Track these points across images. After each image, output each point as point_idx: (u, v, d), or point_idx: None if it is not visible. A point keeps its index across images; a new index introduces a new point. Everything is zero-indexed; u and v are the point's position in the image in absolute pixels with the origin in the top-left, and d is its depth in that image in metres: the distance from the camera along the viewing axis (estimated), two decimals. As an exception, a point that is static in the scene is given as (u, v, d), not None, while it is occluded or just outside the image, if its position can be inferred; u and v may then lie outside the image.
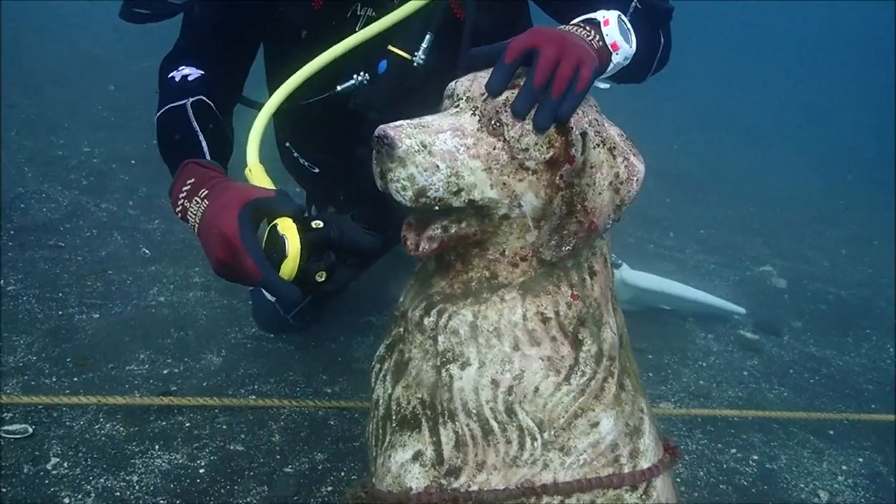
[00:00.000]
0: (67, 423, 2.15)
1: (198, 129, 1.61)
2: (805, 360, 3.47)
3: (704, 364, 3.22)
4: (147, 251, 3.37)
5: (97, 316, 2.75)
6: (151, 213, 3.83)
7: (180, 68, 1.74)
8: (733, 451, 2.59)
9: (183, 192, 1.38)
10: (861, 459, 2.69)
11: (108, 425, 2.17)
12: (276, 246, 1.20)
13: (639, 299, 3.36)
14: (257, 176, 1.45)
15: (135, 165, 4.44)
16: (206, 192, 1.33)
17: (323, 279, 1.24)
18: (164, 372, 2.49)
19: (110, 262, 3.19)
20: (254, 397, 2.39)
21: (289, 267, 1.19)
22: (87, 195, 3.87)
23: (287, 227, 1.20)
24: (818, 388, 3.21)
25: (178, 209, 1.39)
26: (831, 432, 2.84)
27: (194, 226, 1.32)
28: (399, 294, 1.53)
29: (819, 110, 11.24)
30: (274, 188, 1.34)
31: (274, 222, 1.22)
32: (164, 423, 2.22)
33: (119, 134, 4.94)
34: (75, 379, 2.37)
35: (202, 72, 1.74)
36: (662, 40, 1.73)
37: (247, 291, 2.91)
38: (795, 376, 3.29)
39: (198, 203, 1.32)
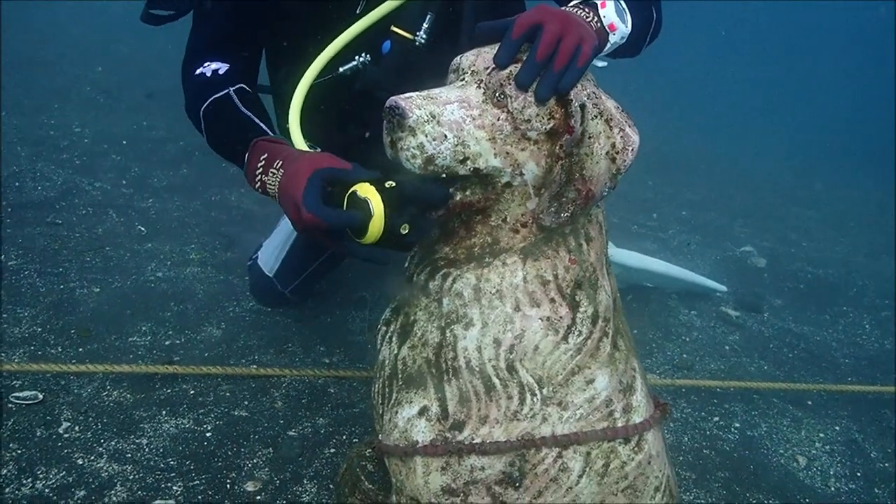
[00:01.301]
0: (76, 391, 2.21)
1: (249, 113, 1.72)
2: (784, 335, 3.59)
3: (688, 339, 3.33)
4: (143, 228, 3.42)
5: (97, 290, 2.81)
6: (145, 192, 3.87)
7: (206, 64, 1.82)
8: (716, 419, 2.70)
9: (259, 168, 1.48)
10: (837, 428, 2.82)
11: (115, 392, 2.23)
12: (361, 207, 1.26)
13: (623, 276, 3.45)
14: None
15: (126, 146, 4.47)
16: (281, 162, 1.43)
17: (406, 231, 1.31)
18: (166, 343, 2.56)
19: (107, 239, 3.24)
20: (255, 366, 2.46)
21: (376, 225, 1.25)
22: (81, 174, 3.90)
23: (367, 190, 1.26)
24: (797, 362, 3.33)
25: (258, 184, 1.48)
26: (809, 403, 2.95)
27: (275, 196, 1.42)
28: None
29: (802, 93, 11.40)
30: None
31: (353, 189, 1.29)
32: (169, 391, 2.29)
33: (109, 115, 4.97)
34: (80, 349, 2.43)
35: (228, 64, 1.82)
36: (654, 15, 1.80)
37: (244, 267, 2.97)
38: (775, 350, 3.40)
39: (274, 174, 1.42)
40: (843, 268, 4.70)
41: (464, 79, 1.40)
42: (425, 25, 1.84)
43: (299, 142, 1.59)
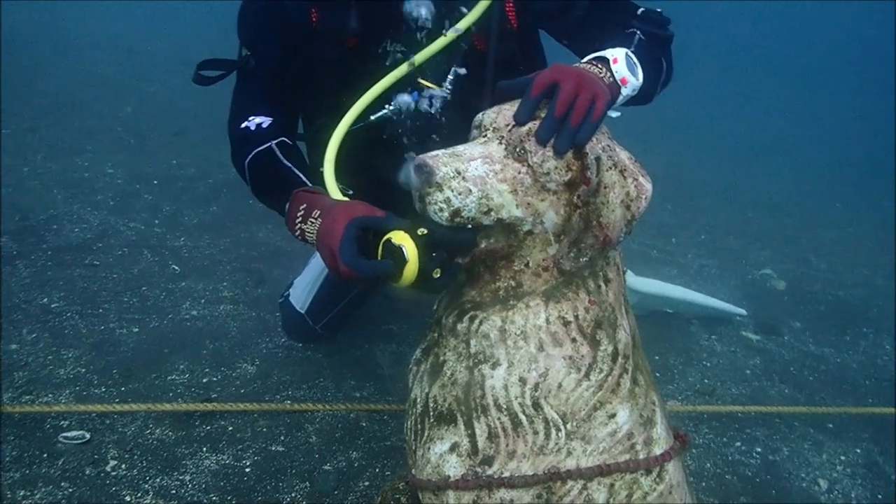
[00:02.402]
0: (120, 429, 2.32)
1: (290, 164, 1.87)
2: (805, 358, 3.63)
3: (709, 364, 3.38)
4: (176, 268, 3.55)
5: (136, 330, 2.93)
6: (177, 230, 4.01)
7: (250, 118, 1.96)
8: (738, 444, 2.75)
9: (298, 217, 1.61)
10: (858, 450, 2.85)
11: (157, 430, 2.34)
12: (395, 254, 1.36)
13: (644, 303, 3.52)
14: None
15: (157, 185, 4.63)
16: (319, 212, 1.56)
17: (438, 275, 1.40)
18: (204, 381, 2.67)
19: (143, 279, 3.37)
20: (289, 402, 2.56)
21: (411, 270, 1.36)
22: (115, 215, 4.05)
23: (401, 238, 1.36)
24: (817, 385, 3.37)
25: (297, 233, 1.61)
26: (830, 426, 2.99)
27: (313, 243, 1.54)
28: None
29: (816, 114, 11.40)
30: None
31: (387, 237, 1.39)
32: (208, 428, 2.39)
33: (139, 155, 5.13)
34: (122, 388, 2.54)
35: (270, 118, 1.97)
36: (665, 65, 1.90)
37: (275, 304, 3.08)
38: (796, 373, 3.45)
39: (312, 223, 1.55)
40: (862, 289, 4.73)
41: (486, 135, 1.50)
42: (450, 77, 1.96)
43: (334, 191, 1.70)
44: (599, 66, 1.59)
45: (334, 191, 1.70)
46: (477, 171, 1.40)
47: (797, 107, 12.21)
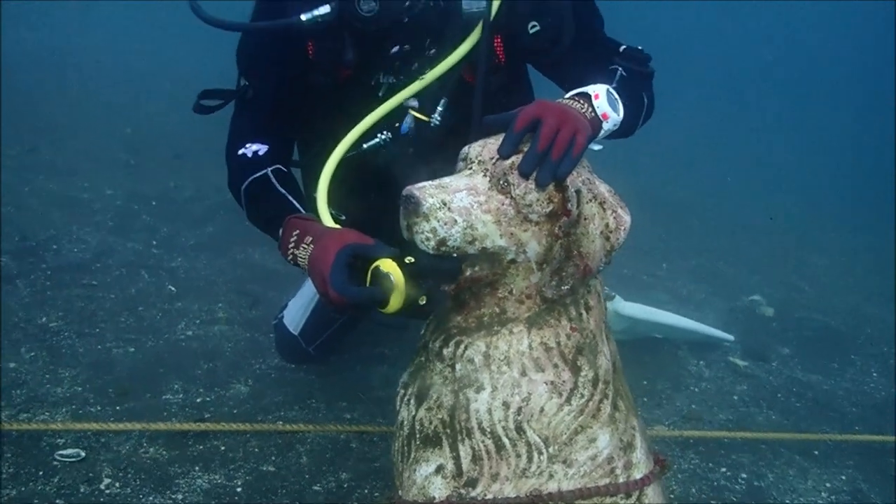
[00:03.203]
0: (115, 448, 2.36)
1: (284, 191, 1.94)
2: (792, 384, 3.67)
3: (697, 389, 3.43)
4: (173, 288, 3.60)
5: (133, 350, 2.98)
6: (174, 251, 4.07)
7: (247, 146, 2.03)
8: (723, 469, 2.79)
9: (291, 243, 1.68)
10: (843, 477, 2.89)
11: (151, 449, 2.38)
12: (383, 281, 1.42)
13: (633, 329, 3.58)
14: None
15: (155, 206, 4.70)
16: (311, 238, 1.62)
17: (424, 302, 1.46)
18: (198, 400, 2.71)
19: (140, 299, 3.43)
20: (281, 422, 2.61)
21: (398, 297, 1.42)
22: (114, 235, 4.12)
23: (389, 266, 1.42)
24: (804, 412, 3.42)
25: (290, 257, 1.68)
26: (816, 452, 3.03)
27: (305, 268, 1.61)
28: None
29: (811, 135, 11.52)
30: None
31: (375, 264, 1.45)
32: (201, 447, 2.43)
33: (138, 176, 5.21)
34: (118, 407, 2.59)
35: (267, 146, 2.04)
36: (646, 100, 1.98)
37: (269, 325, 3.13)
38: (783, 400, 3.49)
39: (305, 249, 1.62)
40: (851, 315, 4.78)
41: (471, 167, 1.56)
42: (439, 108, 2.03)
43: (326, 219, 1.76)
44: (581, 101, 1.66)
45: (326, 218, 1.77)
46: (462, 203, 1.46)
47: (792, 129, 12.32)
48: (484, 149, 1.57)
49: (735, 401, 3.39)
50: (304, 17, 1.86)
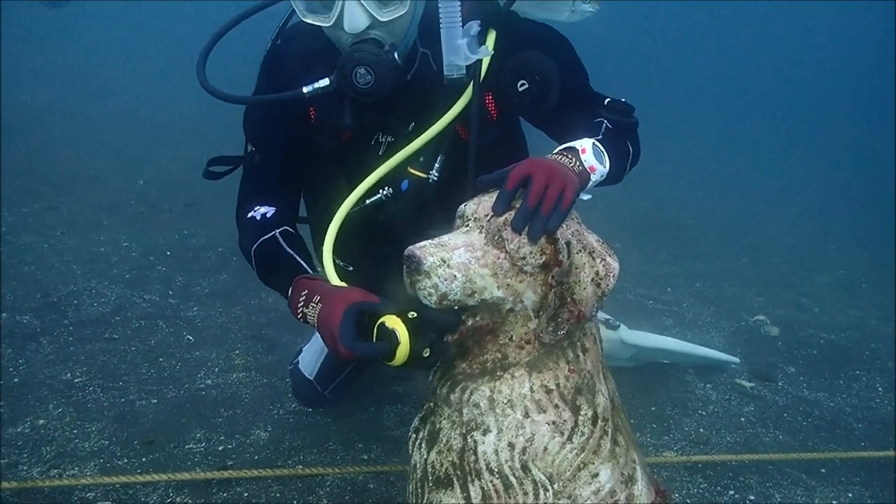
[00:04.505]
0: (143, 499, 2.47)
1: (292, 252, 2.06)
2: (798, 403, 3.74)
3: (704, 413, 3.50)
4: (190, 337, 3.73)
5: (155, 401, 3.10)
6: (189, 300, 4.20)
7: (256, 209, 2.17)
8: (731, 492, 2.86)
9: (300, 302, 1.80)
10: (850, 494, 2.96)
11: (178, 499, 2.49)
12: (389, 337, 1.54)
13: (639, 356, 3.67)
14: None
15: (170, 256, 4.84)
16: (319, 297, 1.74)
17: (428, 354, 1.57)
18: (220, 448, 2.82)
19: (160, 350, 3.55)
20: (300, 467, 2.71)
21: (403, 351, 1.54)
22: (131, 288, 4.25)
23: (394, 321, 1.55)
24: (811, 430, 3.49)
25: (299, 315, 1.81)
26: (823, 471, 3.10)
27: (314, 325, 1.73)
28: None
29: (811, 154, 11.60)
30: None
31: (381, 320, 1.57)
32: (225, 495, 2.53)
33: (152, 227, 5.36)
34: (144, 459, 2.70)
35: (274, 208, 2.17)
36: (631, 149, 2.09)
37: (285, 370, 3.24)
38: (790, 419, 3.56)
39: (313, 307, 1.73)
40: (855, 332, 4.84)
41: (468, 224, 1.68)
42: (437, 165, 2.15)
43: (333, 278, 1.89)
44: (569, 156, 1.77)
45: (333, 277, 1.89)
46: (460, 259, 1.58)
47: (793, 146, 12.41)
48: (479, 206, 1.68)
49: (742, 422, 3.47)
50: (306, 89, 1.99)
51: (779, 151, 11.65)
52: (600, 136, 1.91)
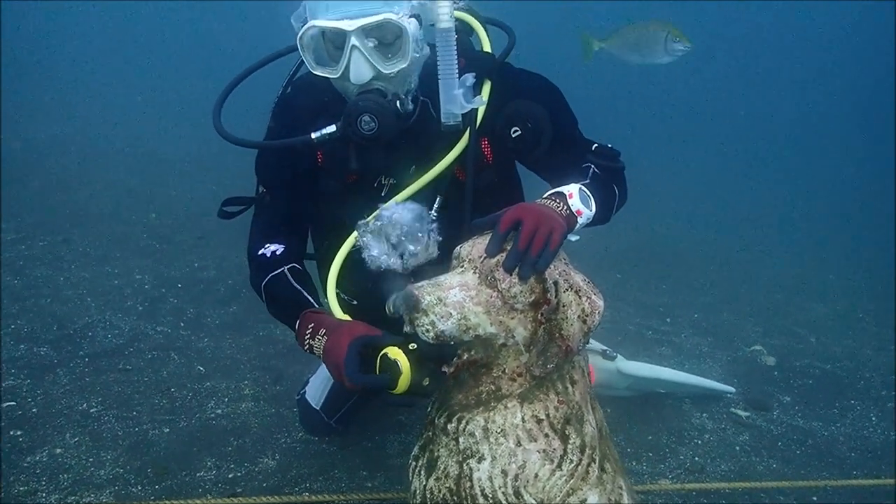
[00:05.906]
0: (157, 525, 2.58)
1: (300, 287, 2.22)
2: (793, 432, 3.83)
3: (700, 442, 3.60)
4: (201, 368, 3.85)
5: (167, 430, 3.22)
6: (200, 331, 4.33)
7: (266, 246, 2.33)
8: (724, 520, 2.96)
9: (307, 335, 1.95)
10: (841, 523, 3.04)
11: (190, 525, 2.60)
12: (391, 368, 1.69)
13: (636, 386, 3.77)
14: None
15: (181, 288, 4.98)
16: (325, 331, 1.90)
17: (428, 383, 1.72)
18: (230, 476, 2.93)
19: (172, 381, 3.68)
20: (307, 494, 2.82)
21: (405, 380, 1.69)
22: (144, 320, 4.39)
23: (396, 353, 1.70)
24: (804, 459, 3.57)
25: (306, 347, 1.95)
26: (815, 499, 3.18)
27: (320, 356, 1.87)
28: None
29: (811, 183, 11.70)
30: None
31: (384, 351, 1.71)
32: (235, 521, 2.64)
33: (164, 259, 5.52)
34: (157, 486, 2.82)
35: (283, 246, 2.34)
36: (618, 192, 2.23)
37: (292, 399, 3.36)
38: (784, 448, 3.65)
39: (319, 340, 1.89)
40: (850, 361, 4.92)
41: (463, 265, 1.82)
42: (436, 206, 2.29)
43: (338, 312, 2.03)
44: (558, 200, 1.91)
45: (338, 311, 2.03)
46: (455, 298, 1.72)
47: (790, 173, 12.50)
48: (473, 248, 1.83)
49: (737, 451, 3.56)
50: (314, 135, 2.14)
51: (778, 181, 11.76)
52: (587, 181, 2.05)
